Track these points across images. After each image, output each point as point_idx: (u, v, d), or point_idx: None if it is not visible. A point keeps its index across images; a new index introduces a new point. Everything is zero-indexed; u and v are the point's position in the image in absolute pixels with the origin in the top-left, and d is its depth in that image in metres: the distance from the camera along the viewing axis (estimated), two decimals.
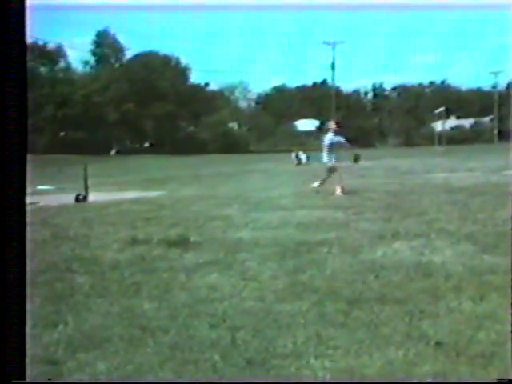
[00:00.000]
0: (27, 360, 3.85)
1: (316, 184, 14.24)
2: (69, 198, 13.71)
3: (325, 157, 14.38)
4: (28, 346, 4.10)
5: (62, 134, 58.31)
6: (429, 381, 3.49)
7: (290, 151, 36.05)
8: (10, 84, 2.52)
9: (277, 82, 79.64)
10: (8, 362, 2.55)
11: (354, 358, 3.81)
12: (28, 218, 9.58)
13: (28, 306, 4.96)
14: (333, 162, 14.15)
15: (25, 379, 2.62)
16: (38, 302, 5.07)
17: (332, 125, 15.43)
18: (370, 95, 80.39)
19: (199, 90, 67.32)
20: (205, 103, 65.56)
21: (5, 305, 2.53)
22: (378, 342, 4.05)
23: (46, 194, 16.37)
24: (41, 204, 13.07)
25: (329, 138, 14.46)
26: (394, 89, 79.98)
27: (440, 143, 47.50)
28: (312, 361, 3.78)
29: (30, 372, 3.67)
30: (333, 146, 14.26)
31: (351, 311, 4.66)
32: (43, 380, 3.43)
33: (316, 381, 3.56)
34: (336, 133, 14.56)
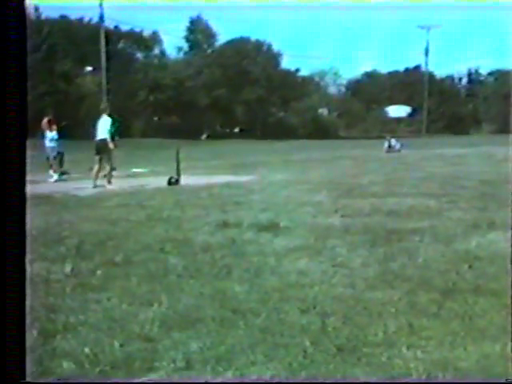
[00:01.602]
0: (125, 335, 4.02)
1: None
2: (162, 181, 14.05)
3: None
4: (124, 322, 4.28)
5: (155, 118, 59.65)
6: (428, 380, 3.39)
7: (380, 137, 35.43)
8: (9, 77, 2.52)
9: (367, 68, 78.11)
10: (8, 363, 2.57)
11: (448, 350, 3.72)
12: (124, 201, 9.99)
13: (125, 284, 5.18)
14: None
15: (25, 379, 2.66)
16: (135, 281, 5.24)
17: None
18: (464, 80, 77.60)
19: (290, 76, 67.17)
20: (295, 89, 65.45)
21: (4, 304, 2.55)
22: (473, 334, 3.94)
23: (141, 176, 16.86)
24: (135, 186, 13.48)
25: None
26: (490, 74, 76.90)
27: None
28: (404, 350, 3.72)
29: (127, 348, 3.84)
30: None
31: (444, 302, 4.55)
32: (45, 380, 3.52)
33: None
34: None
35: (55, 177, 14.89)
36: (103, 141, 14.24)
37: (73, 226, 7.94)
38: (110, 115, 14.71)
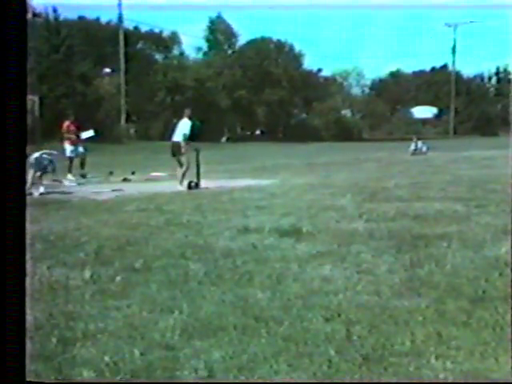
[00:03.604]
0: (145, 343, 3.95)
1: None
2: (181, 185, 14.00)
3: None
4: (145, 330, 4.21)
5: (175, 120, 59.61)
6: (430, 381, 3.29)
7: (406, 140, 35.15)
8: (9, 79, 2.47)
9: (392, 68, 77.07)
10: (8, 362, 2.53)
11: (479, 361, 3.60)
12: (143, 205, 9.94)
13: (145, 291, 5.11)
14: None
15: (24, 379, 2.60)
16: (155, 288, 5.17)
17: None
18: (493, 80, 76.30)
19: (312, 76, 66.92)
20: (317, 89, 65.21)
21: (4, 305, 2.49)
22: (504, 344, 3.81)
23: (160, 180, 16.82)
24: (156, 190, 13.44)
25: None
26: None
27: None
28: (432, 361, 3.61)
29: (147, 357, 3.76)
30: None
31: (474, 310, 4.43)
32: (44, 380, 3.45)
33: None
34: None
35: (42, 189, 13.76)
36: (177, 143, 14.50)
37: (92, 231, 7.88)
38: (190, 119, 14.90)
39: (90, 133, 18.96)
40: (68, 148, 17.43)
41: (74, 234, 7.74)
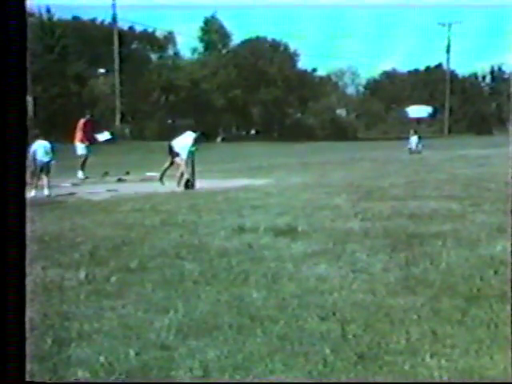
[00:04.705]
0: (140, 343, 3.95)
1: None
2: (176, 185, 13.96)
3: None
4: (140, 330, 4.20)
5: (169, 121, 59.44)
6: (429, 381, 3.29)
7: (400, 139, 35.00)
8: (9, 82, 2.47)
9: (387, 67, 76.87)
10: (8, 362, 2.53)
11: (474, 359, 3.62)
12: (138, 205, 9.88)
13: (140, 291, 5.10)
14: None
15: (24, 379, 2.60)
16: (150, 288, 5.16)
17: None
18: (487, 78, 76.43)
19: (307, 76, 66.84)
20: (312, 89, 65.13)
21: (5, 305, 2.49)
22: (499, 342, 3.83)
23: (155, 180, 16.75)
24: (151, 190, 13.38)
25: None
26: None
27: None
28: (427, 359, 3.63)
29: (142, 357, 3.76)
30: None
31: (469, 308, 4.45)
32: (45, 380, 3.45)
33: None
34: None
35: (33, 193, 13.38)
36: (177, 154, 14.39)
37: (87, 231, 7.87)
38: (198, 132, 14.85)
39: (106, 135, 18.81)
40: (79, 146, 17.40)
41: (69, 234, 7.72)
